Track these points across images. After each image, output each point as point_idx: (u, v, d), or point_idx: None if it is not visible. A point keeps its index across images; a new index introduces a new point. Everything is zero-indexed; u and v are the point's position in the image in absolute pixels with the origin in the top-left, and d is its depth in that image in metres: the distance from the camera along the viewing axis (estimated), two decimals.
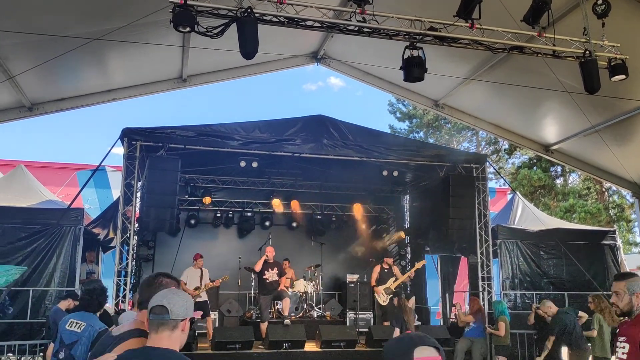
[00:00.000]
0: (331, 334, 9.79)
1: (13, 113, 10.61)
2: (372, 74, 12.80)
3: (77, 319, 4.47)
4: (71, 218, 9.45)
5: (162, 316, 2.28)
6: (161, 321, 2.28)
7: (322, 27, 6.95)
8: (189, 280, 10.38)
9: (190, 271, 10.52)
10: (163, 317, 2.28)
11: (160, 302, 2.30)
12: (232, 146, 10.19)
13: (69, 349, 4.32)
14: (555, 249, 11.50)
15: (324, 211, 14.17)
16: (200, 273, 10.50)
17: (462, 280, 13.55)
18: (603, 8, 7.06)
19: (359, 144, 10.48)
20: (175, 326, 2.31)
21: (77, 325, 4.41)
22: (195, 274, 10.47)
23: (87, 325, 4.39)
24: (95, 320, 4.54)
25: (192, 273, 10.49)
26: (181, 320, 2.33)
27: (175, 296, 2.35)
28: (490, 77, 10.54)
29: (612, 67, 7.47)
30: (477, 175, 11.50)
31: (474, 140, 30.03)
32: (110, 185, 18.06)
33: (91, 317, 4.54)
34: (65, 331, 4.41)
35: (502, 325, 9.06)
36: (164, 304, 2.29)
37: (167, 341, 2.28)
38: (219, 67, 11.87)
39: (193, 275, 10.45)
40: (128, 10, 7.98)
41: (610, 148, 11.09)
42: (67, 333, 4.39)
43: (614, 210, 22.66)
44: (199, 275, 10.46)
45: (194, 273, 10.49)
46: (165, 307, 2.28)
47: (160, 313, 2.28)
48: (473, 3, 6.72)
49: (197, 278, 10.43)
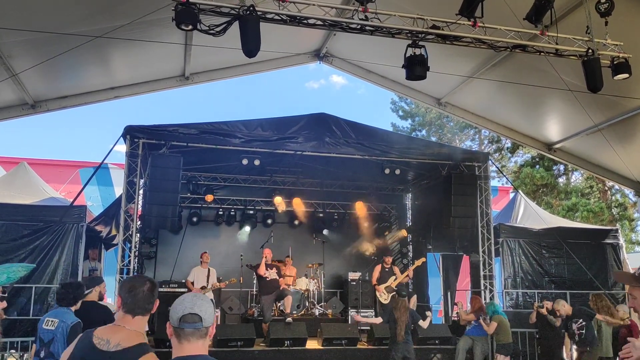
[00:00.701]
0: (333, 331, 9.80)
1: (16, 110, 10.63)
2: (374, 72, 12.79)
3: (51, 317, 4.56)
4: (74, 215, 9.46)
5: (195, 324, 2.21)
6: (195, 330, 2.22)
7: (324, 26, 6.94)
8: (196, 279, 10.46)
9: (198, 270, 10.61)
10: (196, 325, 2.21)
11: (192, 309, 2.23)
12: (235, 144, 10.20)
13: (48, 347, 4.40)
14: (557, 248, 11.49)
15: (326, 209, 14.18)
16: (207, 272, 10.60)
17: (464, 278, 13.54)
18: (606, 6, 7.05)
19: (361, 142, 10.47)
20: (207, 333, 2.26)
21: (51, 323, 4.48)
22: (203, 273, 10.56)
23: (59, 322, 4.46)
24: (68, 315, 4.60)
25: (199, 272, 10.58)
26: (210, 326, 2.29)
27: (204, 302, 2.28)
28: (493, 75, 10.52)
29: (615, 66, 7.46)
30: (480, 173, 11.50)
31: (476, 138, 29.99)
32: (112, 183, 18.10)
33: (64, 313, 4.60)
34: (43, 330, 4.50)
35: (494, 325, 9.03)
36: (196, 311, 2.23)
37: (202, 349, 2.23)
38: (221, 65, 11.88)
39: (200, 275, 10.54)
40: (131, 8, 7.99)
41: (613, 147, 11.07)
42: (44, 332, 4.49)
43: (617, 209, 22.61)
44: (206, 275, 10.55)
45: (201, 272, 10.58)
46: (199, 315, 2.22)
47: (194, 321, 2.21)
48: (475, 1, 6.71)
49: (204, 277, 10.52)
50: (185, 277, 10.92)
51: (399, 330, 7.90)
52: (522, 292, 11.18)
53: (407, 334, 7.98)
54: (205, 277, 10.50)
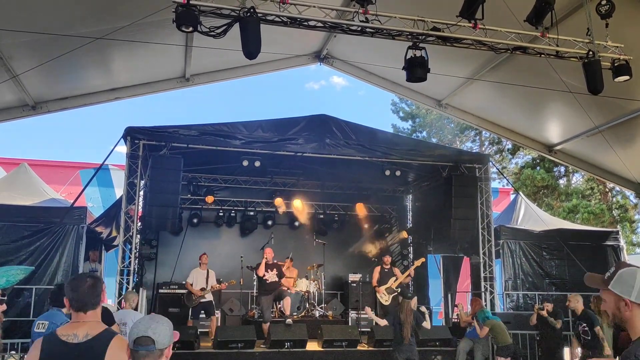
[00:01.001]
0: (333, 333, 9.78)
1: (16, 112, 10.63)
2: (375, 74, 12.79)
3: (42, 320, 4.57)
4: (74, 217, 9.45)
5: (148, 347, 2.28)
6: (148, 352, 2.29)
7: (325, 27, 6.95)
8: (195, 281, 10.44)
9: (197, 272, 10.58)
10: (149, 347, 2.28)
11: (145, 332, 2.29)
12: (235, 145, 10.21)
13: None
14: (558, 250, 11.47)
15: (327, 210, 14.17)
16: (206, 274, 10.58)
17: (464, 280, 13.53)
18: (607, 8, 7.05)
19: (362, 143, 10.48)
20: (161, 355, 2.32)
21: (42, 326, 4.49)
22: (202, 275, 10.54)
23: (49, 324, 4.47)
24: (59, 316, 4.60)
25: (198, 274, 10.55)
26: (165, 348, 2.35)
27: (159, 325, 2.34)
28: (494, 77, 10.52)
29: (615, 68, 7.46)
30: (480, 175, 11.50)
31: (477, 140, 29.96)
32: (113, 184, 18.10)
33: (54, 315, 4.61)
34: (34, 333, 4.51)
35: (485, 330, 9.03)
36: (149, 334, 2.29)
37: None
38: (222, 66, 11.88)
39: (199, 276, 10.52)
40: (131, 9, 8.00)
41: (614, 149, 11.06)
42: (36, 335, 4.48)
43: (618, 211, 22.60)
44: (205, 276, 10.53)
45: (200, 274, 10.55)
46: (152, 339, 2.28)
47: (147, 344, 2.28)
48: (476, 3, 6.71)
49: (203, 279, 10.49)
50: (185, 278, 10.92)
51: (405, 332, 7.90)
52: (523, 294, 11.17)
53: (412, 336, 7.99)
54: (204, 279, 10.49)
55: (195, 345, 9.04)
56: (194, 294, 10.29)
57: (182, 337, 8.92)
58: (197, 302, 10.31)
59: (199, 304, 10.34)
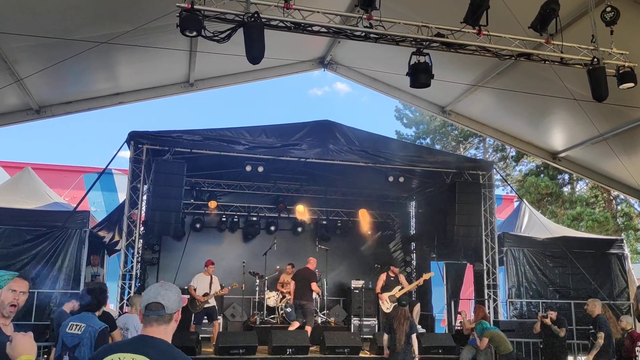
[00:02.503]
0: (335, 340, 9.74)
1: (21, 115, 10.67)
2: (379, 80, 12.79)
3: (77, 321, 4.50)
4: (77, 221, 9.45)
5: (159, 312, 2.43)
6: (158, 317, 2.43)
7: (329, 33, 6.93)
8: (198, 286, 10.39)
9: (200, 277, 10.53)
10: (159, 312, 2.43)
11: (156, 299, 2.45)
12: (238, 150, 10.20)
13: (72, 351, 4.31)
14: (562, 258, 11.42)
15: (330, 216, 14.15)
16: (210, 280, 10.52)
17: (467, 287, 13.47)
18: (612, 15, 7.01)
19: (365, 149, 10.45)
20: (170, 319, 2.47)
21: (77, 328, 4.42)
22: (205, 280, 10.48)
23: (87, 326, 4.41)
24: (95, 320, 4.56)
25: (201, 279, 10.50)
26: (174, 312, 2.50)
27: (168, 292, 2.50)
28: (498, 84, 10.50)
29: (620, 75, 7.41)
30: (484, 182, 11.46)
31: (481, 147, 29.91)
32: (116, 189, 18.12)
33: (90, 318, 4.55)
34: (67, 334, 4.43)
35: (485, 340, 8.98)
36: (159, 300, 2.44)
37: (163, 334, 2.43)
38: (225, 71, 11.91)
39: (202, 282, 10.46)
40: (136, 14, 8.02)
41: (619, 156, 11.02)
42: (69, 336, 4.40)
43: (622, 219, 22.51)
44: (208, 282, 10.47)
45: (204, 279, 10.50)
46: (162, 304, 2.44)
47: (157, 309, 2.43)
48: (480, 9, 6.69)
49: (207, 284, 10.43)
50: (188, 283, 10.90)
51: (399, 339, 7.86)
52: (527, 302, 11.10)
53: (407, 344, 7.93)
54: (207, 285, 10.43)
55: (196, 351, 9.00)
56: (197, 299, 10.25)
57: (184, 343, 8.88)
58: (200, 308, 10.27)
59: (202, 310, 10.31)
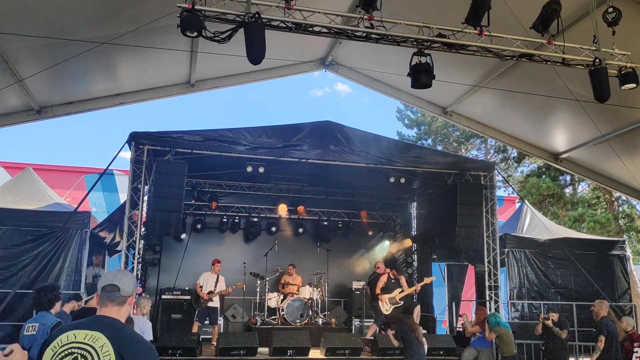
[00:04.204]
0: (336, 341, 9.72)
1: (22, 116, 10.67)
2: (380, 81, 12.78)
3: (31, 323, 4.59)
4: (78, 221, 9.46)
5: (114, 293, 2.61)
6: (112, 297, 2.61)
7: (330, 33, 6.92)
8: (205, 284, 10.58)
9: (207, 275, 10.75)
10: (114, 294, 2.61)
11: (112, 281, 2.63)
12: (239, 151, 10.19)
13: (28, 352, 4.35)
14: (564, 259, 11.39)
15: (330, 217, 14.13)
16: (216, 278, 10.70)
17: (469, 289, 13.43)
18: (613, 16, 7.00)
19: (366, 150, 10.42)
20: (123, 302, 2.64)
21: (32, 329, 4.50)
22: (211, 279, 10.68)
23: (40, 325, 4.48)
24: (48, 317, 4.61)
25: (208, 277, 10.71)
26: (129, 296, 2.67)
27: (124, 276, 2.70)
28: (499, 84, 10.48)
29: (622, 76, 7.40)
30: (485, 183, 11.42)
31: (482, 148, 29.90)
32: (117, 189, 18.10)
33: (43, 316, 4.61)
34: (25, 337, 4.50)
35: (493, 335, 8.94)
36: (115, 282, 2.63)
37: (116, 314, 2.61)
38: (226, 72, 11.91)
39: (209, 280, 10.67)
40: (137, 14, 8.02)
41: (620, 157, 10.99)
42: (26, 339, 4.48)
43: (624, 220, 22.46)
44: (214, 281, 10.67)
45: (210, 278, 10.70)
46: (117, 286, 2.62)
47: (112, 291, 2.61)
48: (482, 10, 6.67)
49: (213, 283, 10.64)
50: (188, 284, 10.97)
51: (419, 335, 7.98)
52: (528, 303, 11.07)
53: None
54: (213, 283, 10.63)
55: (197, 352, 8.99)
56: (201, 297, 10.37)
57: (184, 344, 8.88)
58: (204, 305, 10.43)
59: (205, 307, 10.42)
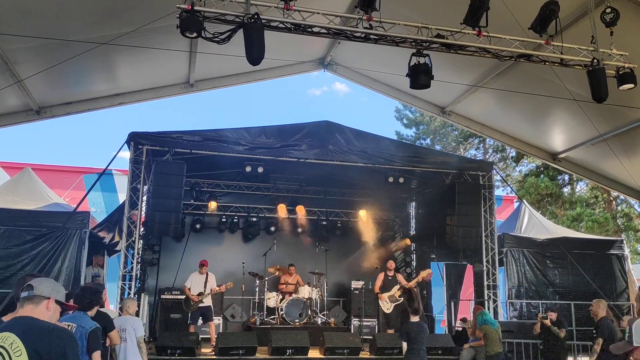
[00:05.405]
0: (335, 340, 9.73)
1: (21, 116, 10.67)
2: (378, 81, 12.79)
3: (68, 321, 4.47)
4: (77, 221, 9.44)
5: (28, 292, 2.73)
6: (26, 297, 2.72)
7: (329, 34, 6.94)
8: (193, 286, 10.37)
9: (195, 276, 10.52)
10: (29, 292, 2.72)
11: (29, 282, 2.78)
12: (238, 151, 10.20)
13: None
14: (562, 258, 11.41)
15: (329, 217, 14.15)
16: (205, 278, 10.47)
17: (467, 288, 13.46)
18: (611, 17, 7.03)
19: (365, 150, 10.46)
20: (38, 302, 2.72)
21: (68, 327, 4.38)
22: (200, 280, 10.44)
23: (77, 327, 4.40)
24: (86, 320, 4.54)
25: (196, 278, 10.47)
26: (45, 298, 2.74)
27: (44, 280, 2.85)
28: (498, 84, 10.50)
29: (620, 76, 7.42)
30: (484, 182, 11.45)
31: (481, 147, 29.92)
32: (116, 189, 18.10)
33: (82, 318, 4.54)
34: None
35: (480, 333, 8.91)
36: (30, 283, 2.77)
37: (30, 312, 2.68)
38: (225, 72, 11.91)
39: (198, 281, 10.43)
40: (136, 15, 8.02)
41: (618, 157, 11.02)
42: None
43: (622, 220, 22.50)
44: (203, 281, 10.43)
45: (199, 278, 10.46)
46: (31, 285, 2.75)
47: (27, 290, 2.74)
48: (480, 11, 6.70)
49: (202, 284, 10.39)
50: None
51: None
52: (526, 303, 11.10)
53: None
54: (202, 283, 10.38)
55: (196, 352, 9.01)
56: (191, 299, 10.25)
57: (183, 344, 8.88)
58: (195, 307, 10.24)
59: (197, 309, 10.29)
